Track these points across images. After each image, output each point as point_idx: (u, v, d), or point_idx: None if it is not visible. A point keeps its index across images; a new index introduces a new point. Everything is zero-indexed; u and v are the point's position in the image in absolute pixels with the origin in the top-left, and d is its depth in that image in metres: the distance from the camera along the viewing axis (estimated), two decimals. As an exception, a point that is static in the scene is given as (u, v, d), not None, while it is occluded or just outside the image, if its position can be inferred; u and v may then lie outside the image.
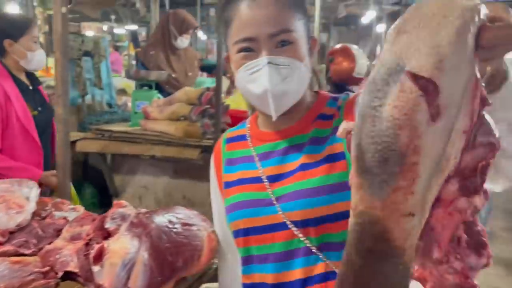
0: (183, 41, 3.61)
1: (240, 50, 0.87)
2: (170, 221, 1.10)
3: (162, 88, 3.48)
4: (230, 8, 0.89)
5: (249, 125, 1.02)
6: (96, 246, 0.98)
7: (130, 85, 5.13)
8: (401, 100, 0.38)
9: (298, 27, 0.87)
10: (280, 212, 0.87)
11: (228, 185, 0.97)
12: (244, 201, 0.92)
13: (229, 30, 0.90)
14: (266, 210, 0.89)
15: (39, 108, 2.13)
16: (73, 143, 3.24)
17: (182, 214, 1.17)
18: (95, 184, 3.60)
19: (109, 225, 1.03)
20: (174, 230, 1.07)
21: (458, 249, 0.46)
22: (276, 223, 0.87)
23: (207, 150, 2.74)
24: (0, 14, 2.55)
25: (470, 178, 0.43)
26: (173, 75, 3.70)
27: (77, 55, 3.95)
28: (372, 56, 12.40)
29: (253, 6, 0.86)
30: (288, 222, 0.86)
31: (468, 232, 0.46)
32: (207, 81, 4.86)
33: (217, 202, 1.02)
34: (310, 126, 0.92)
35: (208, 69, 5.29)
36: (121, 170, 3.20)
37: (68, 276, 0.99)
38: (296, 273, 0.86)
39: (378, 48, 12.09)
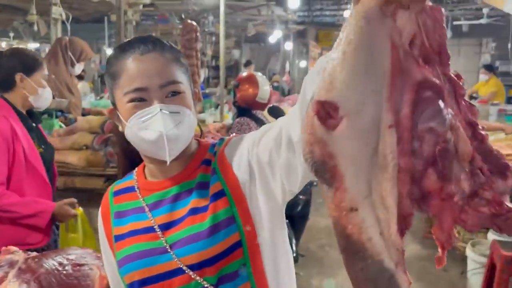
0: (79, 68, 3.65)
1: (131, 100, 0.91)
2: (60, 263, 1.14)
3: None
4: (118, 62, 0.94)
5: (136, 177, 1.03)
6: None
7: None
8: (306, 123, 0.47)
9: (184, 79, 0.95)
10: (176, 259, 0.89)
11: (119, 238, 0.97)
12: (137, 252, 0.93)
13: (118, 82, 0.94)
14: (161, 258, 0.91)
15: (43, 146, 2.06)
16: None
17: (74, 254, 1.20)
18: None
19: (-5, 273, 1.05)
20: (64, 272, 1.11)
21: (483, 180, 0.46)
22: (172, 269, 0.90)
23: (111, 179, 2.74)
24: (16, 48, 2.38)
25: (439, 165, 0.45)
26: (73, 100, 3.65)
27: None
28: (282, 71, 13.01)
29: (142, 60, 0.92)
30: (184, 267, 0.89)
31: (487, 160, 0.46)
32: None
33: (107, 255, 1.02)
34: (196, 171, 0.97)
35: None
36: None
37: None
38: None
39: (287, 64, 12.69)
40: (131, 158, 1.07)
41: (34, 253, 1.20)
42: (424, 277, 3.64)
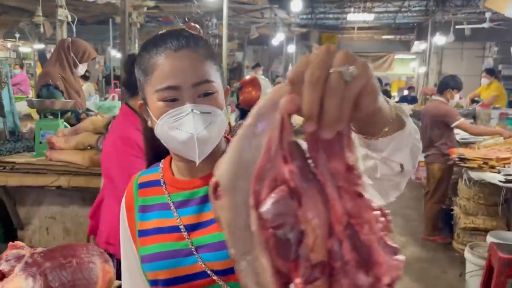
0: (83, 69, 3.69)
1: (163, 99, 0.90)
2: (65, 258, 1.18)
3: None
4: (150, 58, 0.92)
5: (162, 172, 1.01)
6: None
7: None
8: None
9: (217, 78, 0.94)
10: (200, 262, 0.89)
11: (143, 233, 0.96)
12: (162, 252, 0.92)
13: (149, 78, 0.92)
14: (186, 261, 0.91)
15: None
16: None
17: (78, 250, 1.25)
18: (-1, 217, 3.44)
19: (3, 266, 1.09)
20: (69, 266, 1.15)
21: (340, 270, 0.48)
22: (196, 272, 0.90)
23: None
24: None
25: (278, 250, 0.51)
26: (78, 100, 3.70)
27: (-19, 85, 3.76)
28: (285, 73, 13.07)
29: (175, 57, 0.90)
30: (209, 271, 0.88)
31: (358, 251, 0.49)
32: (118, 105, 4.85)
33: (127, 247, 1.01)
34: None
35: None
36: (26, 202, 3.11)
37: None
38: None
39: (290, 67, 12.74)
40: (158, 150, 1.04)
41: (40, 248, 1.24)
42: (423, 279, 3.67)
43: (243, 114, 3.35)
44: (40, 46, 10.72)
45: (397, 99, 12.56)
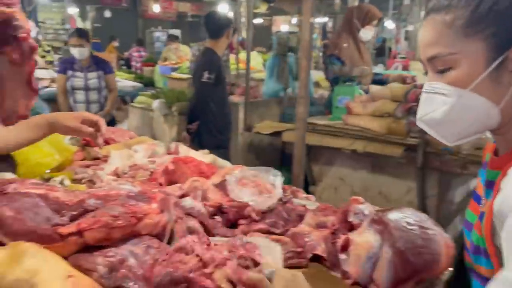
0: (365, 33, 3.58)
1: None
2: (407, 222, 1.14)
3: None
4: None
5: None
6: (343, 237, 1.10)
7: (323, 78, 5.30)
8: None
9: (470, 49, 0.76)
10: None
11: None
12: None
13: None
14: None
15: None
16: (278, 133, 3.57)
17: (415, 216, 1.19)
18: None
19: (352, 219, 1.14)
20: (412, 231, 1.11)
21: None
22: None
23: (410, 149, 2.69)
24: None
25: None
26: (364, 67, 3.71)
27: (283, 51, 4.29)
28: None
29: (424, 25, 0.81)
30: None
31: None
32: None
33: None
34: (507, 165, 0.79)
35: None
36: (319, 161, 3.38)
37: (315, 258, 1.14)
38: None
39: None
40: None
41: (377, 208, 1.23)
42: None
43: None
44: (323, 19, 11.51)
45: None
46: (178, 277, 0.85)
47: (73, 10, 12.02)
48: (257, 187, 1.40)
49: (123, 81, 7.29)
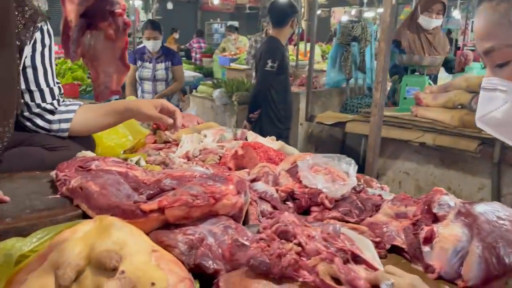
0: (425, 20, 3.37)
1: None
2: (497, 217, 1.06)
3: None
4: None
5: None
6: (426, 228, 1.04)
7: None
8: None
9: None
10: None
11: None
12: None
13: None
14: None
15: None
16: (340, 123, 3.49)
17: (504, 210, 1.11)
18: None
19: (436, 210, 1.07)
20: (504, 226, 1.03)
21: None
22: None
23: (485, 143, 2.53)
24: None
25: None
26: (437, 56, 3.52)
27: (346, 41, 4.18)
28: None
29: (477, 15, 0.72)
30: None
31: None
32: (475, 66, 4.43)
33: None
34: None
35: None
36: (383, 153, 3.27)
37: (394, 250, 1.08)
38: None
39: None
40: None
41: (460, 200, 1.15)
42: None
43: None
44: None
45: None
46: (276, 270, 0.81)
47: (137, 2, 12.45)
48: (330, 174, 1.36)
49: (184, 72, 7.47)
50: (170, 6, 13.26)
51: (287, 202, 1.29)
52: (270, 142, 1.74)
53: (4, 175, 1.25)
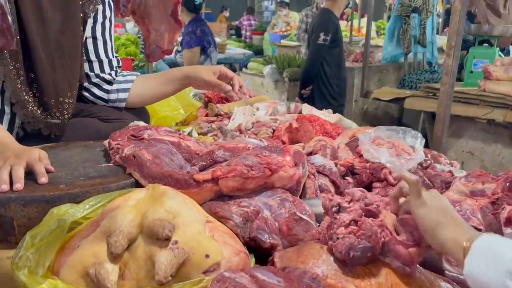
0: None
1: None
2: None
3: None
4: None
5: None
6: (508, 208, 0.92)
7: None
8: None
9: None
10: None
11: None
12: None
13: None
14: None
15: None
16: (398, 99, 3.30)
17: None
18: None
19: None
20: None
21: None
22: None
23: None
24: None
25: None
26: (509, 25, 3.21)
27: (406, 12, 3.93)
28: None
29: None
30: None
31: None
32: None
33: None
34: None
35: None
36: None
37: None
38: None
39: None
40: None
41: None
42: None
43: None
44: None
45: None
46: (378, 252, 0.74)
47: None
48: (394, 148, 1.25)
49: (234, 49, 7.42)
50: (220, -17, 13.18)
51: (347, 177, 1.20)
52: (327, 115, 1.65)
53: (60, 143, 1.25)
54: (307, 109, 1.74)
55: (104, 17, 1.35)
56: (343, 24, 6.73)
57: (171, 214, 0.77)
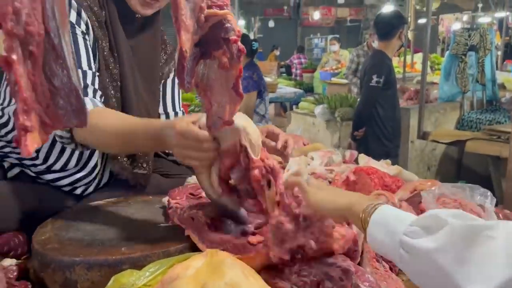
0: None
1: None
2: None
3: None
4: None
5: None
6: None
7: (510, 79, 4.59)
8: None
9: None
10: None
11: None
12: None
13: None
14: None
15: None
16: (458, 142, 3.16)
17: None
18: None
19: None
20: None
21: None
22: None
23: None
24: None
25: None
26: None
27: (463, 50, 3.82)
28: None
29: None
30: None
31: None
32: None
33: None
34: None
35: None
36: (512, 176, 2.87)
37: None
38: None
39: None
40: None
41: None
42: None
43: None
44: (501, 14, 10.10)
45: None
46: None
47: (240, 22, 12.97)
48: (461, 207, 1.17)
49: (284, 88, 7.50)
50: (271, 24, 13.57)
51: (410, 239, 1.14)
52: (385, 167, 1.59)
53: (121, 198, 1.29)
54: (364, 160, 1.69)
55: (174, 72, 1.45)
56: (395, 60, 6.64)
57: (230, 287, 0.76)
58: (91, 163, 1.29)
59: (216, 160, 0.95)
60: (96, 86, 1.16)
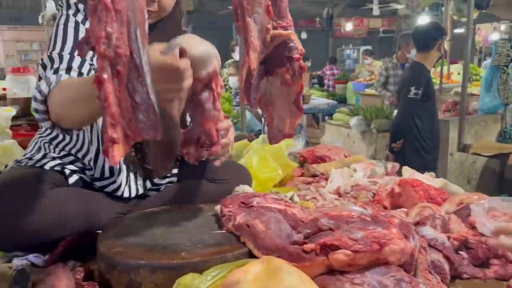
0: None
1: None
2: None
3: None
4: None
5: None
6: None
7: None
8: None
9: None
10: None
11: None
12: None
13: None
14: None
15: None
16: (497, 155, 3.09)
17: None
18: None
19: None
20: None
21: None
22: None
23: None
24: None
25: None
26: None
27: (505, 62, 3.74)
28: None
29: None
30: None
31: None
32: None
33: None
34: None
35: None
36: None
37: None
38: None
39: None
40: None
41: None
42: None
43: None
44: None
45: None
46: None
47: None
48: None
49: (317, 99, 7.50)
50: (304, 35, 13.63)
51: (460, 252, 1.14)
52: (430, 180, 1.60)
53: (173, 206, 1.35)
54: (409, 173, 1.70)
55: None
56: (431, 71, 6.55)
57: (290, 292, 0.79)
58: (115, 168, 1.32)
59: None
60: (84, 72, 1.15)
